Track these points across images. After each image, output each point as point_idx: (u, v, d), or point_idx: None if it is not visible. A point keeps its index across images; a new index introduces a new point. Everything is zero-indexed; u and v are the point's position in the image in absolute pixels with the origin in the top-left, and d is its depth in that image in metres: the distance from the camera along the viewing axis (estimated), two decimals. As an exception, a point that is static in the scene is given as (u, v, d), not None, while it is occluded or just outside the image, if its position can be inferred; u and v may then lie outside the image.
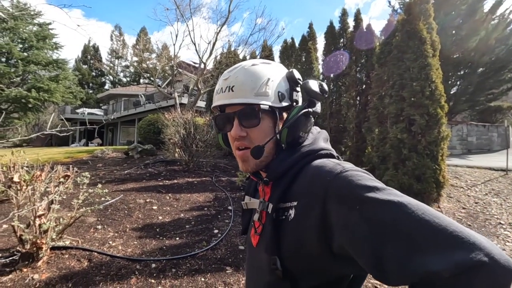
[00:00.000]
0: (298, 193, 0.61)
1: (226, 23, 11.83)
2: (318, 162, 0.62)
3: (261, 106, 0.67)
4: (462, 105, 13.77)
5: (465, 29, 12.14)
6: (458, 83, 13.95)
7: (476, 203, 5.18)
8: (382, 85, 6.11)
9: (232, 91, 0.68)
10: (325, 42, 9.35)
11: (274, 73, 0.70)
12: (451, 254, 0.42)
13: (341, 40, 9.06)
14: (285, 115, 0.71)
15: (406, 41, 5.13)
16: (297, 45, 10.78)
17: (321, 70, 9.43)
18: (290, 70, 0.72)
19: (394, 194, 0.50)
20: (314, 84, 0.71)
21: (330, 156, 0.67)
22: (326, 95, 0.74)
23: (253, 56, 13.11)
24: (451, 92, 13.48)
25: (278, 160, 0.68)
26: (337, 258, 0.55)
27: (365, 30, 8.15)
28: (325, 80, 9.52)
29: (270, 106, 0.67)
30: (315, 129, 0.75)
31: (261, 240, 0.69)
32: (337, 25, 9.24)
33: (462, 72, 13.69)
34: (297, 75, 0.71)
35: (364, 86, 8.19)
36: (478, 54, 12.49)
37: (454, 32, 12.50)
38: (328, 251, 0.55)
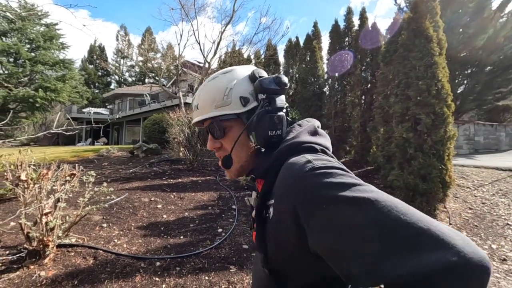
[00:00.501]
0: (275, 192, 0.61)
1: (230, 22, 11.86)
2: (292, 159, 0.59)
3: (221, 116, 0.69)
4: (469, 104, 13.58)
5: (473, 27, 11.96)
6: (465, 82, 13.76)
7: (483, 203, 5.11)
8: (388, 84, 6.06)
9: (198, 109, 0.73)
10: (330, 41, 9.31)
11: (234, 80, 0.70)
12: (419, 256, 0.38)
13: (346, 39, 9.01)
14: None
15: (412, 39, 5.08)
16: (301, 44, 10.75)
17: (325, 69, 9.39)
18: (252, 70, 0.71)
19: (362, 191, 0.47)
20: (268, 81, 0.68)
21: (311, 149, 0.63)
22: (286, 86, 0.71)
23: (257, 55, 13.11)
24: (458, 91, 13.30)
25: (258, 161, 0.70)
26: (320, 259, 0.51)
27: (370, 28, 8.09)
28: (330, 79, 9.48)
29: (235, 114, 0.69)
30: (305, 122, 0.73)
31: (256, 237, 0.68)
32: (342, 24, 9.20)
33: (469, 71, 13.50)
34: (257, 74, 0.70)
35: (369, 85, 8.14)
36: (486, 52, 12.30)
37: (461, 30, 12.32)
38: (308, 251, 0.52)
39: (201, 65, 13.89)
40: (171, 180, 5.94)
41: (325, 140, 0.69)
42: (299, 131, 0.69)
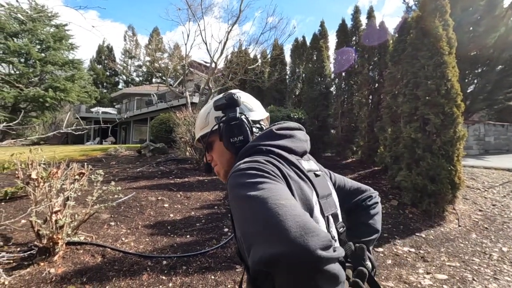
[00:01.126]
0: None
1: (237, 22, 11.84)
2: (238, 161, 0.71)
3: (203, 135, 0.92)
4: (479, 104, 13.31)
5: (484, 25, 11.71)
6: (476, 81, 13.48)
7: (493, 205, 5.02)
8: (396, 83, 5.98)
9: (194, 134, 1.02)
10: (337, 40, 9.25)
11: (212, 106, 0.89)
12: (265, 247, 0.46)
13: (354, 38, 8.93)
14: None
15: (420, 38, 5.00)
16: (308, 43, 10.70)
17: (332, 69, 9.33)
18: (223, 94, 0.88)
19: (249, 189, 0.57)
20: (219, 100, 0.86)
21: (258, 151, 0.74)
22: (233, 99, 0.84)
23: (264, 55, 13.09)
24: (468, 91, 13.05)
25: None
26: None
27: (378, 27, 8.00)
28: (337, 79, 9.41)
29: (211, 131, 0.88)
30: (271, 126, 0.84)
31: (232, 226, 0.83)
32: (349, 23, 9.12)
33: (479, 70, 13.22)
34: (215, 103, 0.87)
35: (376, 84, 8.05)
36: (497, 51, 12.04)
37: (471, 28, 12.08)
38: None
39: (208, 65, 13.94)
40: (178, 179, 5.98)
41: (282, 141, 0.78)
42: (257, 135, 0.82)
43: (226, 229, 3.72)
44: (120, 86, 38.69)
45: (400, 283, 2.83)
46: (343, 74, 9.23)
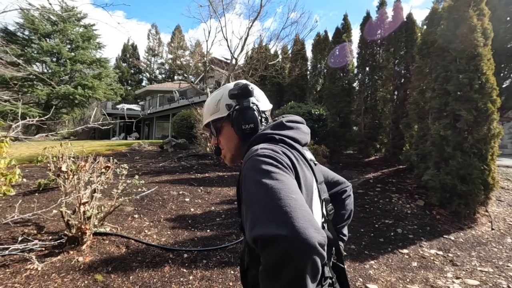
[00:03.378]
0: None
1: (258, 18, 11.75)
2: (255, 146, 0.77)
3: (213, 120, 0.99)
4: (516, 99, 12.41)
5: (523, 14, 10.86)
6: (512, 75, 12.57)
7: (531, 208, 4.67)
8: (424, 78, 5.69)
9: (202, 117, 1.08)
10: (360, 34, 8.92)
11: (223, 93, 0.97)
12: (269, 226, 0.54)
13: (378, 31, 8.58)
14: None
15: (452, 29, 4.71)
16: (330, 38, 10.43)
17: (355, 64, 9.03)
18: (234, 84, 0.95)
19: (266, 176, 0.63)
20: (233, 89, 0.93)
21: (271, 139, 0.81)
22: (247, 89, 0.91)
23: (284, 51, 12.94)
24: (503, 86, 12.18)
25: (242, 149, 0.91)
26: None
27: (405, 19, 7.64)
28: (360, 74, 9.11)
29: (222, 117, 0.95)
30: (279, 118, 0.92)
31: (237, 203, 0.87)
32: (374, 16, 8.76)
33: (517, 63, 12.30)
34: (231, 86, 0.95)
35: (402, 79, 7.71)
36: (537, 42, 11.13)
37: (508, 18, 11.24)
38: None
39: (228, 61, 14.00)
40: (198, 174, 6.07)
41: (290, 132, 0.86)
42: (268, 125, 0.89)
43: (245, 225, 3.73)
44: (143, 84, 39.87)
45: (426, 286, 2.70)
46: (367, 69, 8.91)
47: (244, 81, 0.96)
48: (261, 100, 0.98)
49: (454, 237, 3.84)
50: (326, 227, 0.86)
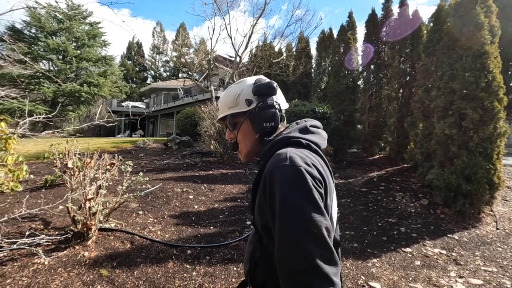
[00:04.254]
0: (265, 171, 0.77)
1: (262, 15, 11.74)
2: (281, 150, 0.77)
3: (231, 114, 0.96)
4: (524, 98, 12.21)
5: (532, 11, 10.66)
6: (520, 73, 12.36)
7: (538, 208, 4.62)
8: (429, 76, 5.64)
9: (218, 109, 1.04)
10: (366, 31, 8.86)
11: (243, 88, 0.95)
12: (292, 255, 0.62)
13: (384, 29, 8.50)
14: None
15: (459, 27, 4.66)
16: (335, 36, 10.36)
17: (360, 62, 8.97)
18: (255, 79, 0.95)
19: (294, 198, 0.65)
20: (260, 86, 0.91)
21: (297, 143, 0.81)
22: (274, 89, 0.91)
23: (288, 48, 12.89)
24: (511, 84, 12.02)
25: (260, 147, 0.91)
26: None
27: (411, 17, 7.56)
28: (365, 72, 9.05)
29: (241, 111, 0.93)
30: (302, 121, 0.92)
31: (251, 201, 0.89)
32: (379, 13, 8.69)
33: (525, 61, 12.09)
34: (257, 82, 0.92)
35: (408, 77, 7.65)
36: (546, 40, 10.93)
37: (517, 15, 11.04)
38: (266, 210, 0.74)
39: (232, 59, 14.00)
40: (202, 172, 6.10)
41: (313, 136, 0.86)
42: (293, 128, 0.89)
43: (248, 222, 3.75)
44: (148, 81, 40.01)
45: (429, 285, 2.70)
46: (372, 67, 8.85)
47: (265, 78, 0.96)
48: (280, 99, 0.98)
49: (458, 237, 3.82)
50: (337, 224, 0.88)
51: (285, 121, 0.97)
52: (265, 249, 0.79)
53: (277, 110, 0.90)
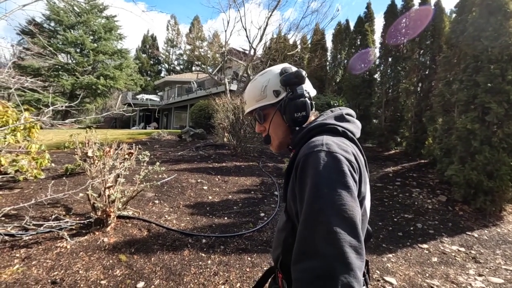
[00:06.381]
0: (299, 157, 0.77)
1: (277, 7, 11.57)
2: (316, 137, 0.77)
3: (261, 107, 0.94)
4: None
5: None
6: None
7: None
8: (451, 69, 5.43)
9: (245, 103, 1.03)
10: (384, 23, 8.60)
11: (268, 79, 0.93)
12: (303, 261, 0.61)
13: (403, 20, 8.22)
14: None
15: (486, 16, 4.44)
16: (352, 27, 10.12)
17: (377, 54, 8.74)
18: (281, 68, 0.92)
19: (326, 186, 0.63)
20: (289, 76, 0.89)
21: (333, 130, 0.81)
22: (303, 78, 0.89)
23: (303, 41, 12.69)
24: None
25: (293, 137, 0.90)
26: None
27: (433, 7, 7.27)
28: (382, 65, 8.82)
29: (270, 104, 0.93)
30: (337, 109, 0.90)
31: (283, 187, 0.88)
32: (399, 3, 8.40)
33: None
34: (283, 71, 0.90)
35: (427, 70, 7.40)
36: None
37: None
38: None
39: (246, 52, 13.92)
40: (216, 164, 6.15)
41: (349, 125, 0.85)
42: (329, 115, 0.88)
43: (262, 214, 3.77)
44: (162, 74, 40.43)
45: (446, 282, 2.64)
46: (390, 59, 8.60)
47: (293, 67, 0.93)
48: (308, 87, 0.96)
49: (477, 234, 3.71)
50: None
51: (314, 109, 0.95)
52: None
53: (307, 99, 0.89)
